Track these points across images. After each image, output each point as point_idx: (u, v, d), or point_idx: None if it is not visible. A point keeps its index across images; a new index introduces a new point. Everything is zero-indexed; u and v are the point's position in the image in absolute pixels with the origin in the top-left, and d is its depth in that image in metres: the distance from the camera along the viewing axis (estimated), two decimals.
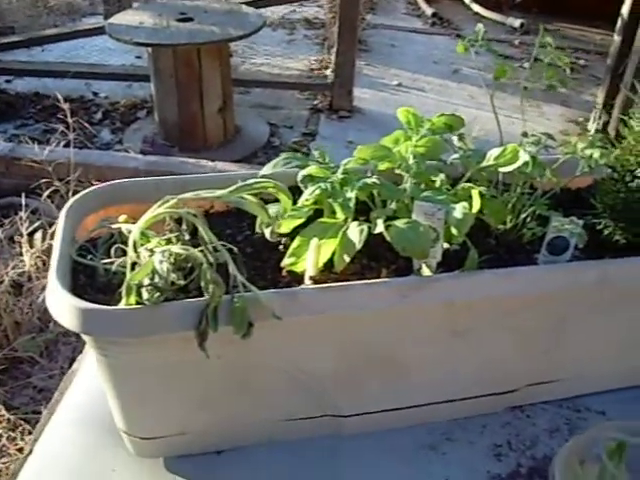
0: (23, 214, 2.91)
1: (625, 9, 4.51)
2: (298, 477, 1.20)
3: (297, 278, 1.10)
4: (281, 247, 1.16)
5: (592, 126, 4.80)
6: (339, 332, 1.09)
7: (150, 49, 4.03)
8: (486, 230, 1.22)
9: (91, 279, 1.08)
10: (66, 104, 3.25)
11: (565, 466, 1.03)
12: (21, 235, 2.88)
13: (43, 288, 2.82)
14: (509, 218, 1.22)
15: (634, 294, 1.22)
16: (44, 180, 3.07)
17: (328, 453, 1.24)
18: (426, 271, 1.08)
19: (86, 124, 3.82)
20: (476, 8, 7.24)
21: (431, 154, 1.22)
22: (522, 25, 6.63)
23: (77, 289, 1.04)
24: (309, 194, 1.10)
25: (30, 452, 1.25)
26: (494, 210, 1.17)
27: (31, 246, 2.92)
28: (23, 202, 3.02)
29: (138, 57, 5.43)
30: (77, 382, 1.38)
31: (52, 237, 2.89)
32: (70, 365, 2.60)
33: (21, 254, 2.88)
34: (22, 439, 2.28)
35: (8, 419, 2.36)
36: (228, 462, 1.21)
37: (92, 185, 1.26)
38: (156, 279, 0.94)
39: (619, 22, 4.56)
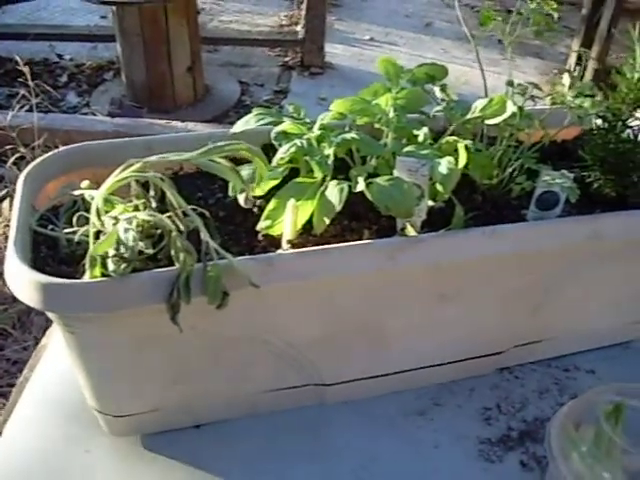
0: None
1: None
2: (281, 449, 1.15)
3: (274, 242, 1.03)
4: (256, 210, 1.09)
5: (567, 78, 4.75)
6: (320, 298, 1.03)
7: (114, 8, 3.89)
8: (471, 186, 1.16)
9: (53, 251, 1.01)
10: (26, 67, 3.13)
11: (560, 430, 0.99)
12: None
13: None
14: (495, 173, 1.16)
15: (626, 249, 1.17)
16: (9, 146, 2.97)
17: (312, 423, 1.19)
18: (411, 231, 1.01)
19: (49, 87, 3.69)
20: None
21: (412, 106, 1.15)
22: None
23: (38, 262, 0.97)
24: (284, 152, 1.03)
25: None
26: (479, 164, 1.11)
27: None
28: None
29: (103, 17, 5.26)
30: (46, 358, 1.31)
31: None
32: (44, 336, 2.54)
33: None
34: None
35: None
36: (208, 436, 1.16)
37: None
38: (122, 249, 0.87)
39: None
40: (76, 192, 1.02)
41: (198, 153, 0.89)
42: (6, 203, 2.94)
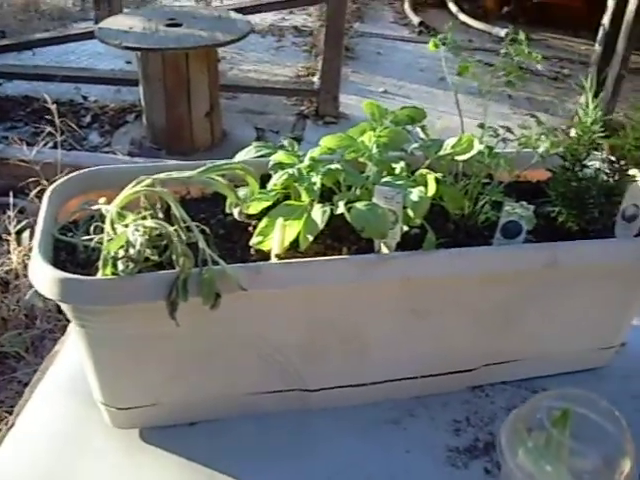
0: (11, 213, 2.96)
1: (606, 19, 4.64)
2: (267, 449, 1.26)
3: (264, 256, 1.17)
4: (251, 229, 1.23)
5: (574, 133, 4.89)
6: (302, 306, 1.16)
7: (139, 53, 4.10)
8: (446, 216, 1.29)
9: (72, 256, 1.15)
10: (54, 106, 3.31)
11: (509, 429, 1.10)
12: (9, 233, 2.93)
13: (30, 286, 2.87)
14: (467, 205, 1.29)
15: (583, 277, 1.30)
16: (32, 179, 3.12)
17: (297, 427, 1.31)
18: (385, 251, 1.15)
19: (74, 126, 3.88)
20: (463, 18, 7.35)
21: (394, 144, 1.29)
22: (507, 35, 6.70)
23: (58, 264, 1.10)
24: (277, 179, 1.18)
25: (12, 425, 1.31)
26: (452, 196, 1.24)
27: (18, 244, 2.96)
28: (11, 201, 3.07)
29: (128, 62, 5.49)
30: (58, 361, 1.44)
31: None
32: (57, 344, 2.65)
33: (9, 252, 2.92)
34: None
35: None
36: (201, 434, 1.28)
37: None
38: (130, 251, 1.01)
39: (600, 32, 4.69)
40: (94, 207, 1.16)
41: (199, 171, 1.04)
42: (26, 234, 3.08)
